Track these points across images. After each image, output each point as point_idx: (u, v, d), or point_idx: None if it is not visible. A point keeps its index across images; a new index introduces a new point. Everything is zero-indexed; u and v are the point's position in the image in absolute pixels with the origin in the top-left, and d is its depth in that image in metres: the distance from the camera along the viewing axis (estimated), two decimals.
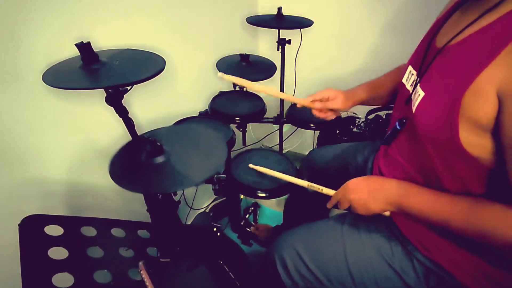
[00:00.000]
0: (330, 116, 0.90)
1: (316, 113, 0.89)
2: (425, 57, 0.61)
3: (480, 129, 0.47)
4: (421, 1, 1.20)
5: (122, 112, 0.64)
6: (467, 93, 0.46)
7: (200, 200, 1.52)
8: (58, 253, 0.59)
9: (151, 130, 0.80)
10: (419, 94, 0.57)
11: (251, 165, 0.93)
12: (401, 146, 0.67)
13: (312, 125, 1.23)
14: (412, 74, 0.66)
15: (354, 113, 1.34)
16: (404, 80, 0.69)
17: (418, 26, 1.22)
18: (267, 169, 0.87)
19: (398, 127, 0.65)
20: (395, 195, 0.61)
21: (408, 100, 0.63)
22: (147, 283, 0.63)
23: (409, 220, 0.65)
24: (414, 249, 0.65)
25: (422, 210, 0.57)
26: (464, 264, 0.59)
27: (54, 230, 0.61)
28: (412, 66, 0.67)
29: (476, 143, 0.48)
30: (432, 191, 0.57)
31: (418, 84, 0.59)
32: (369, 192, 0.64)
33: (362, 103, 0.88)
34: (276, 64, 1.29)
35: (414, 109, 0.58)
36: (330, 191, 0.75)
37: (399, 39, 1.32)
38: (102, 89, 0.58)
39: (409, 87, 0.66)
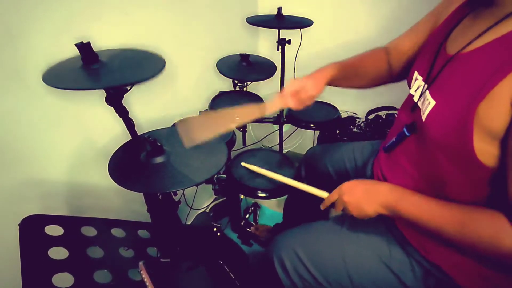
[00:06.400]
0: (309, 102, 0.74)
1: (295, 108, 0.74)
2: (434, 63, 0.60)
3: (492, 138, 0.46)
4: (425, 2, 1.20)
5: (122, 112, 0.64)
6: (482, 102, 0.45)
7: (200, 200, 1.52)
8: (58, 253, 0.59)
9: (151, 131, 0.80)
10: (430, 102, 0.56)
11: (243, 163, 0.90)
12: (407, 151, 0.66)
13: (312, 125, 1.23)
14: (417, 80, 0.65)
15: (354, 113, 1.34)
16: (409, 87, 0.68)
17: None
18: (258, 168, 0.84)
19: (407, 133, 0.64)
20: (390, 198, 0.61)
21: (414, 107, 0.62)
22: (147, 283, 0.63)
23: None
24: (413, 251, 0.65)
25: (416, 214, 0.57)
26: (463, 266, 0.59)
27: (54, 230, 0.61)
28: (418, 72, 0.66)
29: (488, 151, 0.48)
30: (427, 197, 0.57)
31: (427, 92, 0.58)
32: (363, 195, 0.64)
33: (334, 82, 0.77)
34: (276, 64, 1.29)
35: (424, 117, 0.57)
36: (322, 193, 0.76)
37: None
38: (102, 89, 0.58)
39: (414, 93, 0.65)
